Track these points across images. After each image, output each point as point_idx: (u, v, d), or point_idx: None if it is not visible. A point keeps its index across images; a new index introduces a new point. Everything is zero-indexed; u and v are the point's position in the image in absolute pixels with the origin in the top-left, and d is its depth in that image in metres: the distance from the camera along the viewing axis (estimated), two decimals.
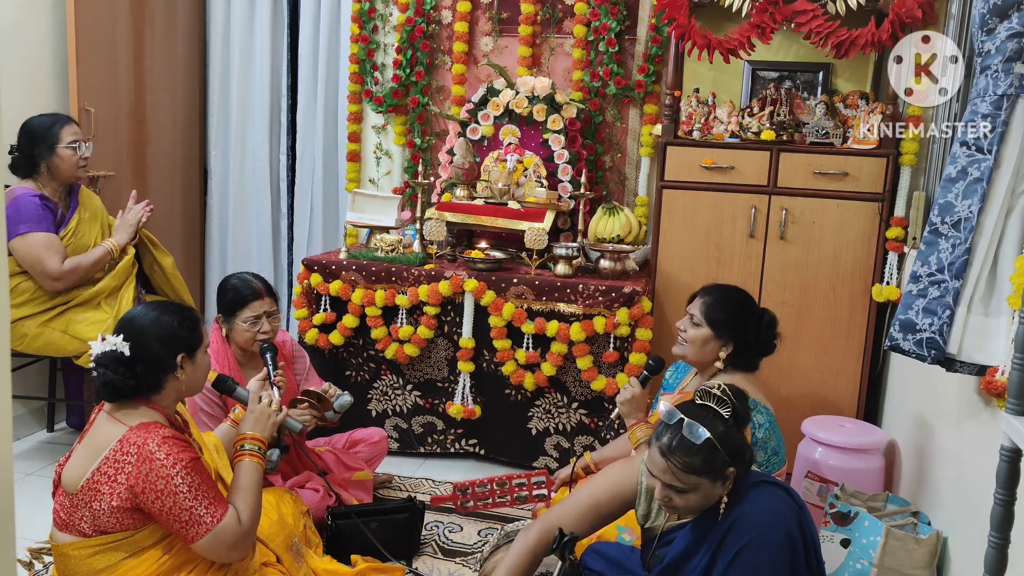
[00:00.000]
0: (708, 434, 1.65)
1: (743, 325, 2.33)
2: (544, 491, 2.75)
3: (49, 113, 3.06)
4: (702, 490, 1.68)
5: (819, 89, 3.35)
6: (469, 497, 2.75)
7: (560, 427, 3.21)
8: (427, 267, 3.26)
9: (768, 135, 3.08)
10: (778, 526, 1.68)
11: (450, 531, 2.77)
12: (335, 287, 3.27)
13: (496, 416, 3.26)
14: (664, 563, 1.78)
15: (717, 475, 1.68)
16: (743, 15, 3.05)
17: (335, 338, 3.28)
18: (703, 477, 1.66)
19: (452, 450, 3.34)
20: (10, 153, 2.97)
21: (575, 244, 3.26)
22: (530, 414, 3.23)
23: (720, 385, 1.76)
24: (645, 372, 2.48)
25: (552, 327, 3.08)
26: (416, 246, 3.41)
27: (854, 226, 3.04)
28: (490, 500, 2.74)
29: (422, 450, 3.36)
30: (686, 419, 1.68)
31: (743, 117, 3.16)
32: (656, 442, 1.71)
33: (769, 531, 1.67)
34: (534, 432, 3.24)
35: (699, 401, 1.75)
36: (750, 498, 1.71)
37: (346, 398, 2.62)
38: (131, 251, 3.15)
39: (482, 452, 3.33)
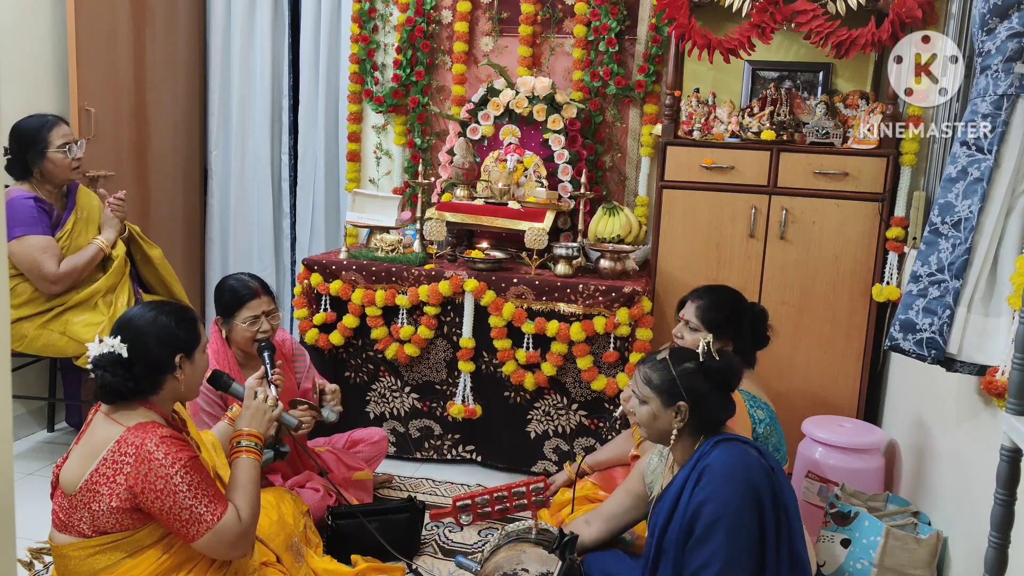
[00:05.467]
0: (666, 356, 1.91)
1: (740, 322, 2.32)
2: (543, 497, 2.74)
3: (38, 115, 3.00)
4: (651, 407, 1.89)
5: (819, 89, 3.35)
6: (469, 511, 2.74)
7: (560, 430, 3.21)
8: (427, 267, 3.26)
9: (768, 135, 3.08)
10: (741, 476, 1.76)
11: (450, 531, 2.76)
12: (335, 287, 3.26)
13: (494, 419, 3.25)
14: (659, 515, 1.90)
15: (667, 400, 1.87)
16: (743, 15, 3.05)
17: (335, 338, 3.28)
18: (654, 393, 1.89)
19: (449, 456, 3.32)
20: (4, 155, 2.94)
21: (575, 244, 3.26)
22: (529, 417, 3.22)
23: (713, 343, 1.93)
24: None
25: (552, 327, 3.08)
26: (416, 246, 3.41)
27: (854, 226, 3.03)
28: (490, 511, 2.74)
29: (419, 455, 3.34)
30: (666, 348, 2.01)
31: (743, 117, 3.16)
32: None
33: (731, 481, 1.76)
34: (533, 435, 3.23)
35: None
36: (719, 449, 1.83)
37: (333, 416, 2.61)
38: (122, 248, 3.11)
39: (479, 459, 3.31)
